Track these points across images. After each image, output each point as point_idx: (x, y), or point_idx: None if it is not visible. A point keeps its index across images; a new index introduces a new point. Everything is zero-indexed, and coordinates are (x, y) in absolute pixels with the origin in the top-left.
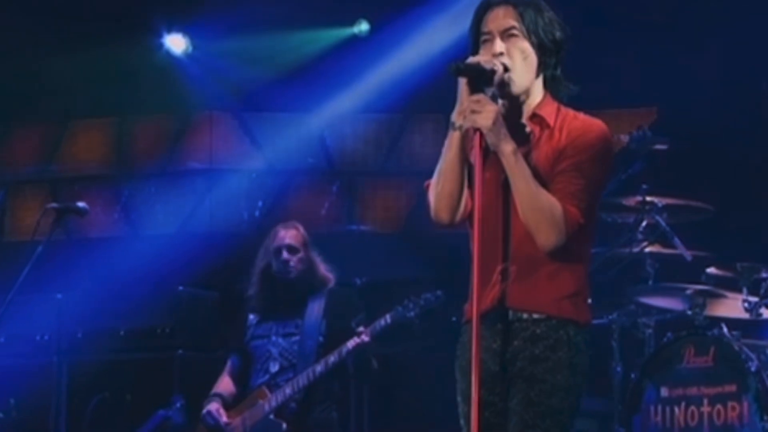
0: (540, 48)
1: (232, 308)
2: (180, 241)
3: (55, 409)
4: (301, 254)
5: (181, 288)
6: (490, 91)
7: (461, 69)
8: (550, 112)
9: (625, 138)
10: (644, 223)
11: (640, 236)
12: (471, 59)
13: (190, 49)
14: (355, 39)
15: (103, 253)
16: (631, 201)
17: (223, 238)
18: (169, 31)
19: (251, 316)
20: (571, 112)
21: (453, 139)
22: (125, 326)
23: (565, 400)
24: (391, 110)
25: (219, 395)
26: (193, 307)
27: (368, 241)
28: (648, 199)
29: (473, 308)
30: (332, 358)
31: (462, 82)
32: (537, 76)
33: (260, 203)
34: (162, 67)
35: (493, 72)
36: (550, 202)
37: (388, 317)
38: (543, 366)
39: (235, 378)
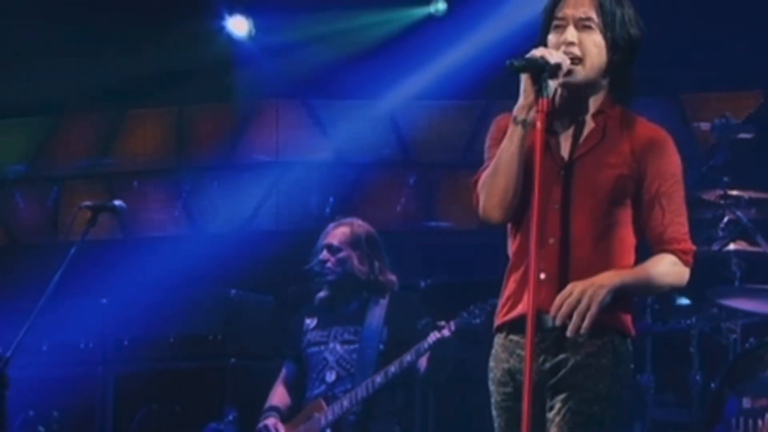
0: (614, 45)
1: (287, 312)
2: (243, 240)
3: (99, 423)
4: (342, 254)
5: (233, 292)
6: (555, 83)
7: (521, 66)
8: (614, 112)
9: (706, 127)
10: (725, 219)
11: (720, 233)
12: (534, 52)
13: (254, 31)
14: (432, 19)
15: (160, 254)
16: (712, 195)
17: (290, 237)
18: (231, 12)
19: (307, 321)
20: (635, 116)
21: (515, 135)
22: (174, 333)
23: (607, 410)
24: (471, 96)
25: (275, 408)
26: (246, 312)
27: (447, 239)
28: (730, 192)
29: (529, 313)
30: (393, 369)
31: (524, 76)
32: (606, 74)
33: (331, 199)
34: (223, 52)
35: (558, 66)
36: (665, 271)
37: (452, 324)
38: (584, 373)
39: (290, 388)
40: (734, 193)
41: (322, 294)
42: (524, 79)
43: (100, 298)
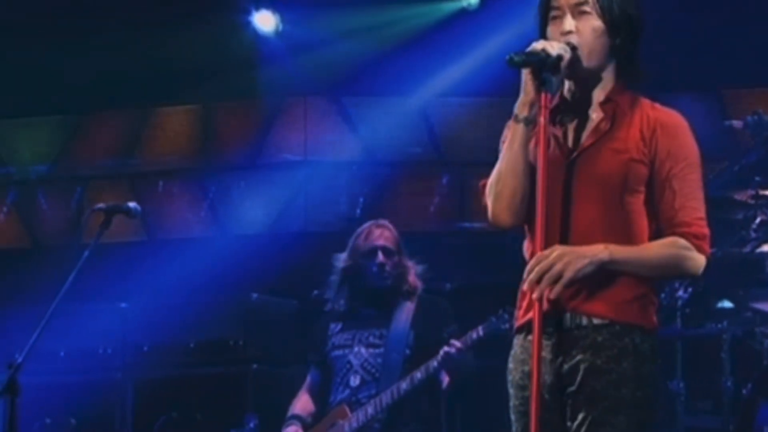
0: (614, 28)
1: (312, 317)
2: (270, 242)
3: (118, 431)
4: (396, 258)
5: (255, 296)
6: (557, 78)
7: (521, 60)
8: (623, 98)
9: (739, 125)
10: (758, 220)
11: (753, 234)
12: (534, 45)
13: (281, 26)
14: (464, 13)
15: (184, 256)
16: (743, 195)
17: (319, 239)
18: (257, 7)
19: (332, 325)
20: (646, 100)
21: (516, 133)
22: (195, 338)
23: (633, 417)
24: (505, 92)
25: (297, 417)
26: (268, 316)
27: (482, 240)
28: (762, 192)
29: (534, 313)
30: (419, 375)
31: (525, 71)
32: (610, 59)
33: (361, 199)
34: (250, 48)
35: (559, 59)
36: (669, 253)
37: (480, 329)
38: (605, 379)
39: (314, 394)
40: (767, 193)
41: (347, 296)
42: (525, 74)
43: (119, 302)
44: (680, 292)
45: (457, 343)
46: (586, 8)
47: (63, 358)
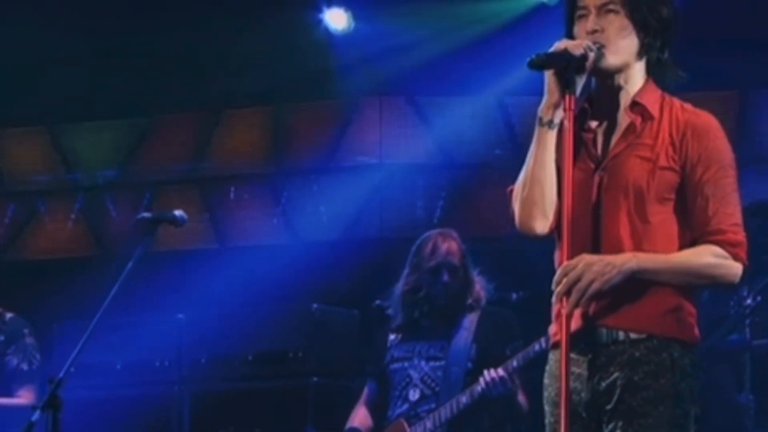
0: (643, 27)
1: (373, 328)
2: (343, 249)
3: None
4: (461, 273)
5: (315, 306)
6: (583, 80)
7: (542, 61)
8: (653, 100)
9: None
10: None
11: None
12: (556, 45)
13: (353, 24)
14: (544, 8)
15: (253, 264)
16: None
17: (395, 245)
18: (329, 5)
19: (392, 336)
20: (677, 101)
21: (542, 138)
22: (253, 350)
23: None
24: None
25: (355, 431)
26: (329, 327)
27: None
28: None
29: (562, 328)
30: (479, 389)
31: (548, 73)
32: (638, 59)
33: (440, 203)
34: (322, 47)
35: (583, 59)
36: (702, 262)
37: (543, 341)
38: (643, 396)
39: (372, 408)
40: None
41: (409, 312)
42: (548, 76)
43: (176, 312)
44: (749, 301)
45: (500, 371)
46: (613, 7)
47: (119, 371)
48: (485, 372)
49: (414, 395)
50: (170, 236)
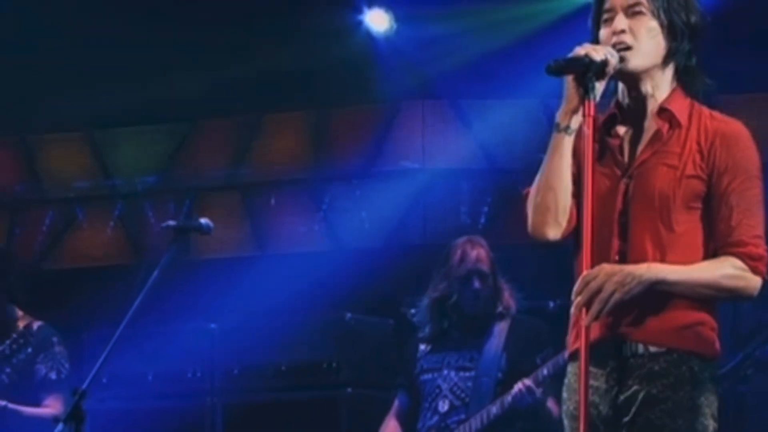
0: (670, 30)
1: (405, 337)
2: (385, 256)
3: None
4: (490, 281)
5: (348, 315)
6: (602, 86)
7: (560, 67)
8: (681, 107)
9: None
10: None
11: None
12: (576, 50)
13: (395, 26)
14: (589, 8)
15: (293, 272)
16: None
17: (439, 252)
18: (370, 5)
19: (422, 346)
20: (705, 109)
21: (559, 143)
22: (287, 361)
23: None
24: None
25: None
26: (363, 337)
27: None
28: None
29: (581, 340)
30: (509, 399)
31: (567, 78)
32: (665, 64)
33: (485, 209)
34: (363, 49)
35: (604, 64)
36: (721, 274)
37: (547, 367)
38: (660, 409)
39: (403, 420)
40: None
41: (438, 320)
42: (567, 81)
43: (208, 322)
44: None
45: (527, 382)
46: (641, 8)
47: (150, 382)
48: (517, 383)
49: (443, 406)
50: (211, 244)
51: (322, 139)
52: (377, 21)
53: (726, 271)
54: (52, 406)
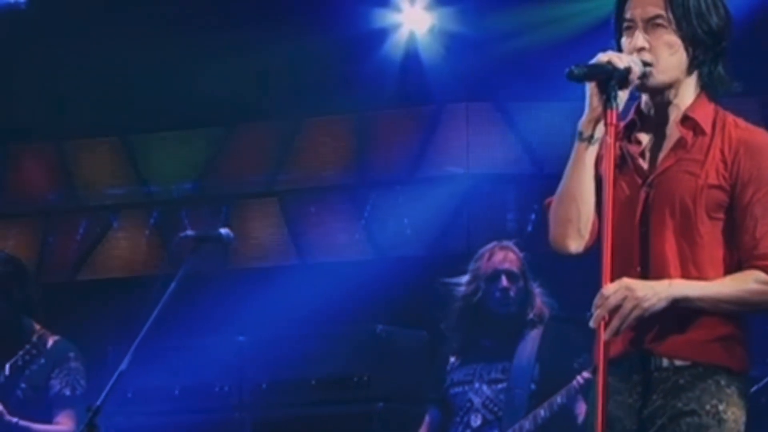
0: (692, 41)
1: (436, 349)
2: (428, 265)
3: None
4: (520, 283)
5: (380, 327)
6: (626, 94)
7: (582, 73)
8: (705, 115)
9: None
10: None
11: None
12: (599, 57)
13: (437, 26)
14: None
15: (333, 281)
16: None
17: None
18: (411, 5)
19: (452, 359)
20: (730, 117)
21: (581, 153)
22: (317, 374)
23: None
24: None
25: None
26: (396, 350)
27: None
28: None
29: (600, 354)
30: (543, 412)
31: (590, 85)
32: (689, 72)
33: (532, 216)
34: (404, 51)
35: (628, 71)
36: (745, 288)
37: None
38: (686, 422)
39: None
40: None
41: (466, 325)
42: (590, 89)
43: (237, 334)
44: None
45: (586, 374)
46: (660, 21)
47: (177, 396)
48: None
49: (476, 421)
50: (249, 253)
51: (364, 144)
52: (419, 21)
53: (750, 286)
54: (64, 423)
